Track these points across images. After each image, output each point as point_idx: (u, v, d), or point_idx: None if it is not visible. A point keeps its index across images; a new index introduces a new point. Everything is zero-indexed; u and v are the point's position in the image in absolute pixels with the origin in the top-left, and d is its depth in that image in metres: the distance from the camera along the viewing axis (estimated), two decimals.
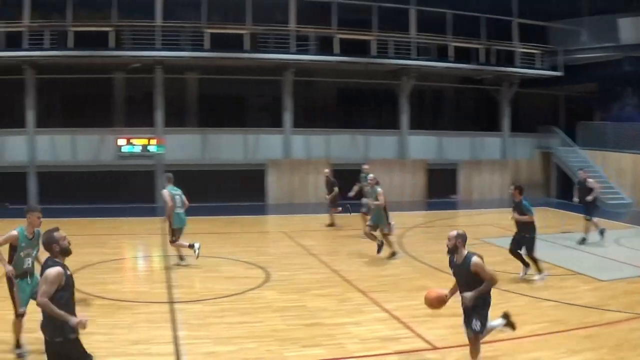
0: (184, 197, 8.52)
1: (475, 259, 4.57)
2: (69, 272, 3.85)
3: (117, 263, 8.78)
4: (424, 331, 5.68)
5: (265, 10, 16.10)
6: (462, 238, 4.69)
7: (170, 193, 8.45)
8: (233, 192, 15.02)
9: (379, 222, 8.85)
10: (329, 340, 5.50)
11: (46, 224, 6.39)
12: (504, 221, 9.72)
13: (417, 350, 5.26)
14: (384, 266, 8.51)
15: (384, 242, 8.83)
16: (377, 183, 9.17)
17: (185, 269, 8.37)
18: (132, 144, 15.78)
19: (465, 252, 4.66)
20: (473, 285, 4.50)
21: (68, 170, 15.28)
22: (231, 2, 15.99)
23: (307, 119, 16.77)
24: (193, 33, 15.11)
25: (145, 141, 15.88)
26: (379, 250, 8.89)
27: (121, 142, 15.79)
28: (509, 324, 5.08)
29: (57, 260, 3.87)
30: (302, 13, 15.94)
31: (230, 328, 5.80)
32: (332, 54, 15.74)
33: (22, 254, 5.08)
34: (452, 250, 4.66)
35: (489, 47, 17.20)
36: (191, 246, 8.38)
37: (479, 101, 19.43)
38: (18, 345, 5.24)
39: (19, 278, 5.10)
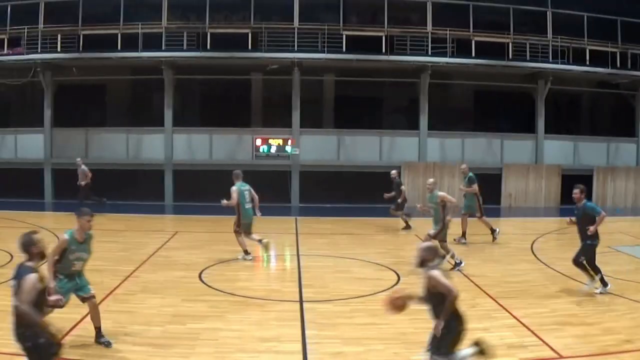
0: (253, 193, 9.25)
1: (432, 271, 4.44)
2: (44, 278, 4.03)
3: (249, 261, 9.39)
4: (552, 340, 5.79)
5: (402, 12, 16.86)
6: (431, 251, 4.62)
7: (238, 189, 9.12)
8: (367, 193, 15.06)
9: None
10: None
11: (181, 222, 6.93)
12: (636, 229, 9.11)
13: (543, 359, 5.43)
14: (514, 272, 8.74)
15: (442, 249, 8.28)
16: (435, 188, 9.05)
17: (317, 269, 8.76)
18: (269, 144, 16.79)
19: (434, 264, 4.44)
20: (434, 301, 4.44)
21: (204, 169, 16.48)
22: (367, 5, 16.85)
23: (443, 122, 17.29)
24: (330, 35, 15.95)
25: (281, 142, 16.87)
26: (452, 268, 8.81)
27: (258, 142, 16.81)
28: (482, 352, 4.66)
29: (30, 265, 4.06)
30: (438, 15, 16.70)
31: (358, 329, 6.04)
32: (468, 57, 16.47)
33: (71, 257, 5.43)
34: (420, 264, 4.59)
35: (625, 51, 17.41)
36: (260, 241, 9.19)
37: (614, 106, 19.62)
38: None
39: (66, 277, 5.48)
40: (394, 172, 12.79)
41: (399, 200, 12.05)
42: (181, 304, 7.06)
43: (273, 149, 16.70)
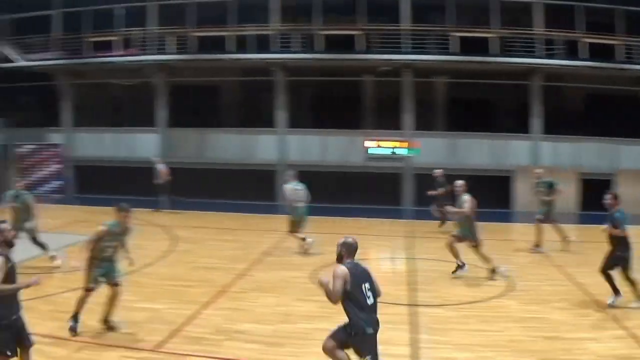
0: (307, 193, 10.37)
1: (336, 267, 4.70)
2: (10, 262, 4.66)
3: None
4: None
5: (511, 14, 17.27)
6: (346, 247, 4.85)
7: (293, 188, 10.45)
8: (478, 197, 14.86)
9: (465, 235, 8.90)
10: (565, 354, 5.95)
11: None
12: None
13: None
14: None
15: (479, 257, 9.02)
16: (465, 191, 9.24)
17: (430, 273, 9.41)
18: (381, 147, 17.63)
19: (347, 262, 4.78)
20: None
21: (317, 170, 17.32)
22: (478, 6, 17.39)
23: (555, 125, 17.74)
24: (440, 36, 16.64)
25: (393, 144, 17.63)
26: (455, 270, 9.22)
27: (369, 144, 17.63)
28: None
29: (0, 251, 4.59)
30: (548, 16, 17.24)
31: (469, 335, 6.50)
32: (579, 59, 16.84)
33: (105, 244, 6.51)
34: (338, 260, 4.81)
35: None
36: (304, 239, 10.32)
37: None
38: (75, 317, 6.48)
39: (100, 261, 6.51)
40: (438, 171, 13.40)
41: (439, 199, 12.63)
42: (293, 304, 7.81)
43: (386, 151, 17.68)
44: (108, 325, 6.60)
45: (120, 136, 19.68)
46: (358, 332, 4.79)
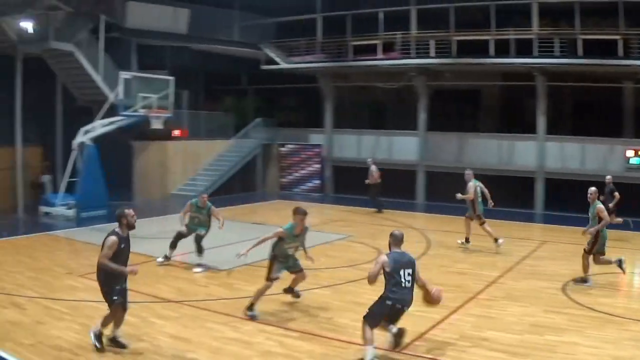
0: (485, 190, 18.03)
1: (380, 255, 9.88)
2: (124, 244, 9.73)
3: (613, 276, 14.44)
4: None
5: None
6: (392, 238, 9.58)
7: (474, 185, 17.78)
8: None
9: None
10: None
11: (550, 231, 19.59)
12: None
13: None
14: None
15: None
16: (598, 198, 14.80)
17: None
18: None
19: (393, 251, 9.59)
20: None
21: (575, 178, 25.31)
22: None
23: None
24: None
25: None
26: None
27: (630, 153, 25.33)
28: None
29: (119, 231, 9.83)
30: None
31: None
32: None
33: (286, 246, 11.76)
34: (388, 248, 9.75)
35: None
36: (466, 241, 17.99)
37: None
38: (251, 306, 11.54)
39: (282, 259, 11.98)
40: (609, 177, 20.97)
41: (610, 206, 19.39)
42: (541, 315, 11.59)
43: None
44: (293, 294, 12.22)
45: (379, 139, 31.22)
46: (389, 304, 9.15)
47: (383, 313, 9.05)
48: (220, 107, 35.47)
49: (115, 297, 9.41)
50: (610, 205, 19.28)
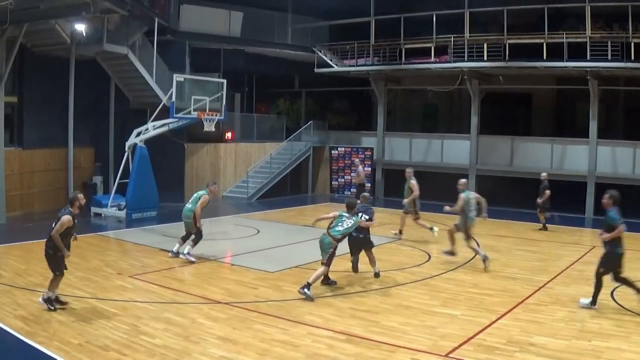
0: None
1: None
2: (75, 221, 11.85)
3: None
4: None
5: None
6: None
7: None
8: None
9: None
10: None
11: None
12: None
13: None
14: None
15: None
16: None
17: None
18: None
19: None
20: None
21: (627, 184, 24.92)
22: None
23: None
24: None
25: None
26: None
27: None
28: None
29: (72, 210, 11.76)
30: None
31: None
32: None
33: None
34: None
35: None
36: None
37: None
38: (308, 286, 12.66)
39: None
40: (544, 174, 21.52)
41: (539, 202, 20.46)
42: (589, 320, 11.55)
43: None
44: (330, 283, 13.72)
45: (431, 142, 31.10)
46: None
47: None
48: (272, 109, 35.81)
49: (64, 268, 11.53)
50: (540, 200, 21.33)
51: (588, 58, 24.95)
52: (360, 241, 14.09)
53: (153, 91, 26.01)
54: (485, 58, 27.21)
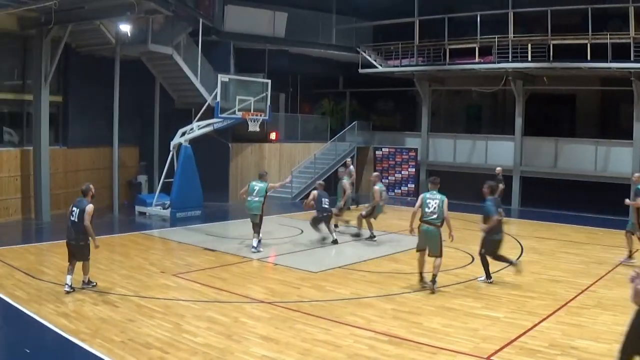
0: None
1: None
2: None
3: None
4: None
5: None
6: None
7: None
8: None
9: None
10: None
11: None
12: None
13: None
14: None
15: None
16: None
17: None
18: None
19: None
20: None
21: None
22: None
23: None
24: None
25: None
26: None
27: None
28: None
29: (91, 201, 12.90)
30: None
31: None
32: None
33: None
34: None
35: None
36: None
37: None
38: (421, 277, 13.77)
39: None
40: (499, 168, 21.83)
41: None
42: None
43: None
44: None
45: (475, 143, 30.93)
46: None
47: None
48: (316, 110, 35.97)
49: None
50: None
51: (632, 59, 24.48)
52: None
53: (198, 91, 26.03)
54: (529, 59, 26.92)
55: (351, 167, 26.50)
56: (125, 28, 22.78)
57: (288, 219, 23.26)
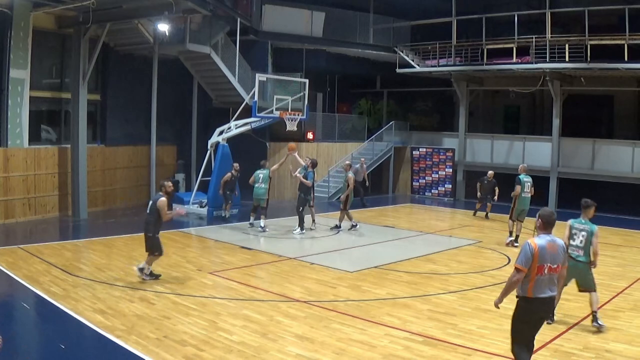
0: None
1: None
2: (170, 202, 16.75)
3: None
4: None
5: None
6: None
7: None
8: None
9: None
10: None
11: None
12: None
13: None
14: None
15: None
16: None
17: None
18: None
19: None
20: None
21: None
22: None
23: None
24: None
25: None
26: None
27: None
28: None
29: (163, 194, 13.77)
30: None
31: None
32: None
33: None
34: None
35: None
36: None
37: None
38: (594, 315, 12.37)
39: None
40: (491, 172, 22.35)
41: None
42: None
43: None
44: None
45: (513, 144, 30.61)
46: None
47: None
48: (353, 109, 36.03)
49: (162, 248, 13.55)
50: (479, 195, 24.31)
51: None
52: None
53: (236, 90, 26.17)
54: (566, 59, 26.51)
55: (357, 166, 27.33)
56: (163, 27, 22.92)
57: (324, 219, 22.97)
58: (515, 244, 18.28)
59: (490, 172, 24.57)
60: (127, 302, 11.65)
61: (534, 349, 8.47)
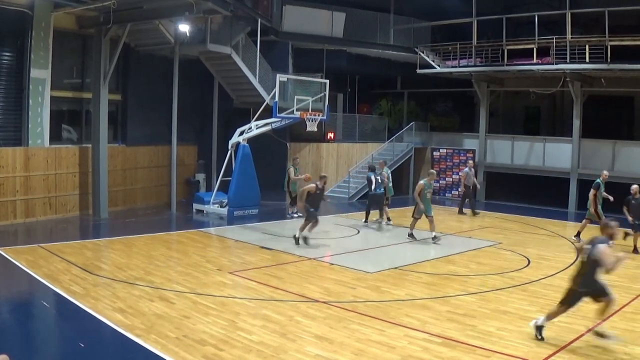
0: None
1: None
2: (319, 190, 17.67)
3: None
4: None
5: None
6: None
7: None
8: None
9: None
10: None
11: None
12: None
13: None
14: None
15: None
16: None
17: None
18: None
19: None
20: None
21: None
22: None
23: None
24: None
25: None
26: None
27: None
28: None
29: (318, 183, 18.38)
30: None
31: None
32: None
33: None
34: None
35: None
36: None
37: None
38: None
39: None
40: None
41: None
42: None
43: None
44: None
45: (533, 144, 30.39)
46: None
47: None
48: (374, 110, 35.92)
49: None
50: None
51: None
52: None
53: (256, 91, 26.13)
54: (587, 60, 26.46)
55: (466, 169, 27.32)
56: (184, 28, 22.95)
57: (344, 219, 23.17)
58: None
59: (635, 187, 18.92)
60: (147, 301, 11.70)
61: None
